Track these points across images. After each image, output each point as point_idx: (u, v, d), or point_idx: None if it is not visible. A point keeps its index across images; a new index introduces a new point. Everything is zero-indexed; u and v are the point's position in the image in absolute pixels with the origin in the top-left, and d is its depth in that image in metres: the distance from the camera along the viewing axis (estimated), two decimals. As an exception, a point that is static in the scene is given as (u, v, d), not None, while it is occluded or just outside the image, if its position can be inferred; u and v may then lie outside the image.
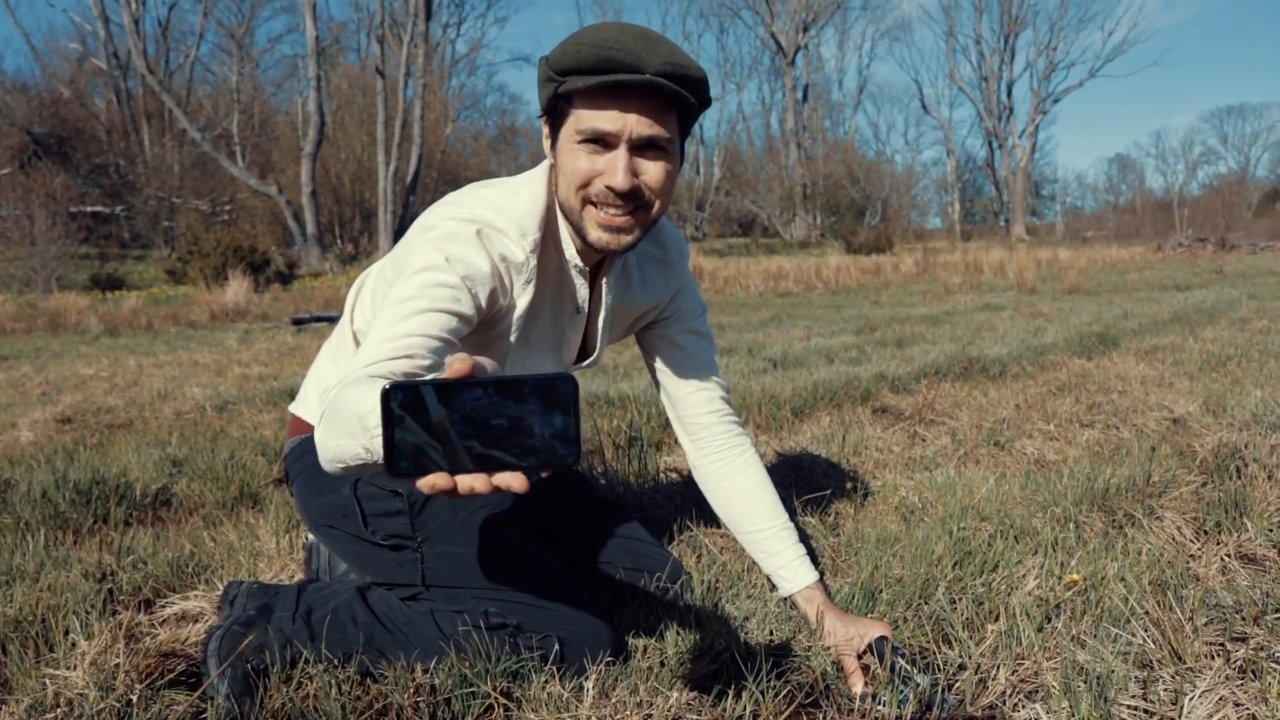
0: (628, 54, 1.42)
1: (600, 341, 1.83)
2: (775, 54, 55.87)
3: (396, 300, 1.47)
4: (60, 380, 6.82)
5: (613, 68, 1.42)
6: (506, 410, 0.83)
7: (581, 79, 1.44)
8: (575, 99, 1.48)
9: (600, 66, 1.43)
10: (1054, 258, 21.88)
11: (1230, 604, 1.85)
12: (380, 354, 1.38)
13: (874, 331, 8.02)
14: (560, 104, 1.51)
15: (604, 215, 1.52)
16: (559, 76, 1.47)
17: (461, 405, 0.82)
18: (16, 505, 2.82)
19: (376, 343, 1.40)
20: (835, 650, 1.67)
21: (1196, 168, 70.73)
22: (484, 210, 1.56)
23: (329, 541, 1.87)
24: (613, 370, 5.89)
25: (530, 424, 0.83)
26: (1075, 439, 3.39)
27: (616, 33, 1.44)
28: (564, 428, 0.83)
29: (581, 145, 1.49)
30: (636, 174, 1.50)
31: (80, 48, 40.87)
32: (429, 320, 1.44)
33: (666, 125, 1.50)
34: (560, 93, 1.48)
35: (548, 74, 1.49)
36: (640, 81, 1.42)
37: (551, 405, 0.83)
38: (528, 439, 0.83)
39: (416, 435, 0.82)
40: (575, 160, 1.50)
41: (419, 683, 1.61)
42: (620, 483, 2.94)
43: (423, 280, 1.48)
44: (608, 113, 1.46)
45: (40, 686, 1.59)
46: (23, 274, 21.07)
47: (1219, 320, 7.65)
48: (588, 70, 1.44)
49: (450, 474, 0.83)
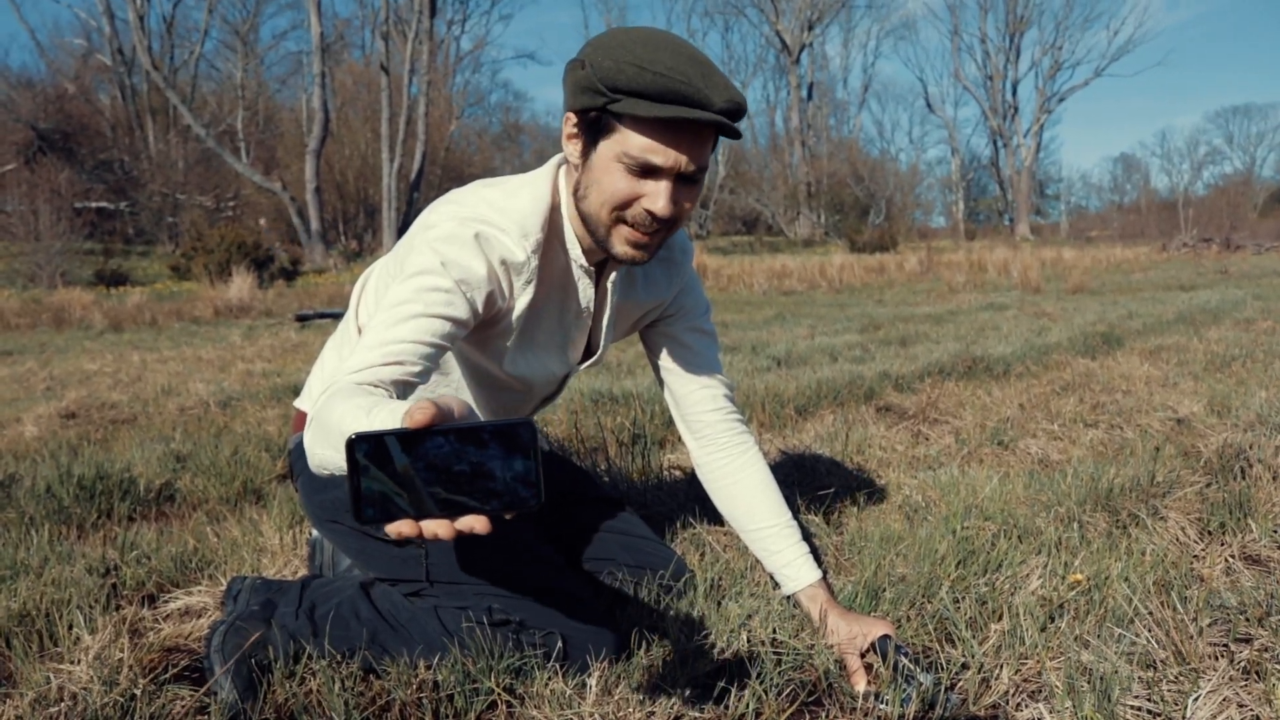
0: (693, 89, 1.39)
1: (604, 340, 1.83)
2: (780, 52, 55.81)
3: (391, 303, 1.47)
4: (64, 376, 6.83)
5: (678, 100, 1.39)
6: (468, 457, 0.85)
7: (643, 105, 1.40)
8: (627, 121, 1.44)
9: (665, 97, 1.39)
10: (1058, 257, 21.87)
11: (1234, 605, 1.85)
12: (371, 360, 1.39)
13: (878, 330, 8.02)
14: (606, 118, 1.46)
15: (635, 234, 1.52)
16: (611, 93, 1.42)
17: (424, 453, 0.84)
18: (21, 500, 2.83)
19: (368, 348, 1.41)
20: (838, 649, 1.67)
21: (1202, 168, 70.64)
22: (485, 209, 1.55)
23: (333, 537, 1.87)
24: (616, 368, 5.89)
25: (492, 469, 0.85)
26: (1079, 439, 3.39)
27: (675, 59, 1.40)
28: (525, 471, 0.86)
29: (625, 168, 1.47)
30: (676, 200, 1.49)
31: (85, 44, 40.94)
32: (421, 326, 1.44)
33: (708, 153, 1.50)
34: (611, 109, 1.44)
35: (595, 85, 1.43)
36: (706, 120, 1.40)
37: (512, 450, 0.86)
38: (490, 483, 0.85)
39: (382, 484, 0.84)
40: (615, 181, 1.48)
41: (422, 679, 1.61)
42: (623, 480, 2.94)
43: (417, 284, 1.47)
44: (664, 147, 1.44)
45: (44, 681, 1.60)
46: (27, 269, 21.09)
47: (1224, 321, 7.63)
48: (650, 97, 1.40)
49: (415, 519, 0.85)
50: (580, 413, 3.90)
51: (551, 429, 3.64)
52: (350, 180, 39.44)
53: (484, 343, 1.69)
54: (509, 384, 1.80)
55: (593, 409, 4.05)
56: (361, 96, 40.50)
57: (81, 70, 40.16)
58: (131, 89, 38.28)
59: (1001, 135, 58.55)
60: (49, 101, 35.90)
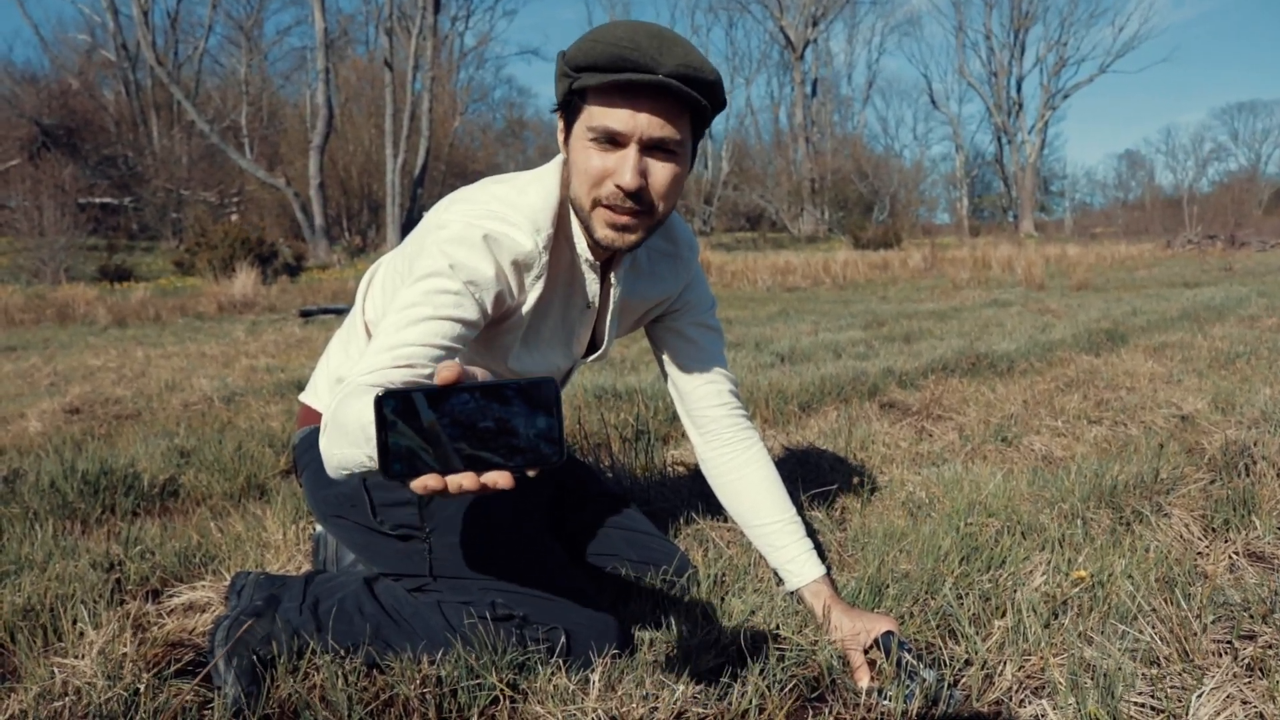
0: (641, 53, 1.42)
1: (609, 335, 1.83)
2: (784, 48, 55.73)
3: (401, 306, 1.48)
4: (68, 371, 6.84)
5: (626, 66, 1.42)
6: (493, 413, 0.87)
7: (595, 76, 1.44)
8: (589, 96, 1.48)
9: (614, 65, 1.43)
10: (1062, 254, 21.84)
11: (1238, 602, 1.85)
12: (381, 363, 1.40)
13: (881, 327, 8.01)
14: (574, 100, 1.51)
15: (611, 215, 1.53)
16: (574, 73, 1.47)
17: (450, 409, 0.87)
18: (25, 495, 2.83)
19: (378, 351, 1.42)
20: (841, 645, 1.67)
21: (1206, 164, 70.40)
22: (497, 205, 1.56)
23: (337, 532, 1.88)
24: (620, 364, 5.89)
25: (516, 425, 0.88)
26: (1083, 435, 3.39)
27: (631, 31, 1.44)
28: (547, 428, 0.88)
29: (593, 143, 1.49)
30: (644, 174, 1.50)
31: (89, 39, 40.91)
32: (431, 329, 1.45)
33: (678, 127, 1.49)
34: (574, 89, 1.48)
35: (563, 69, 1.49)
36: (652, 82, 1.42)
37: (535, 407, 0.88)
38: (514, 440, 0.88)
39: (409, 439, 0.87)
40: (588, 159, 1.50)
41: (425, 674, 1.61)
42: (627, 476, 2.94)
43: (426, 287, 1.48)
44: (619, 111, 1.46)
45: (48, 675, 1.60)
46: (31, 265, 21.13)
47: (1228, 318, 7.62)
48: (602, 68, 1.44)
49: (441, 474, 0.88)
50: (584, 408, 3.90)
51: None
52: (354, 176, 39.44)
53: (491, 339, 1.69)
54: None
55: (596, 405, 4.05)
56: (365, 92, 40.46)
57: (85, 66, 40.16)
58: (135, 84, 38.29)
59: (1006, 132, 58.43)
60: (53, 97, 35.91)
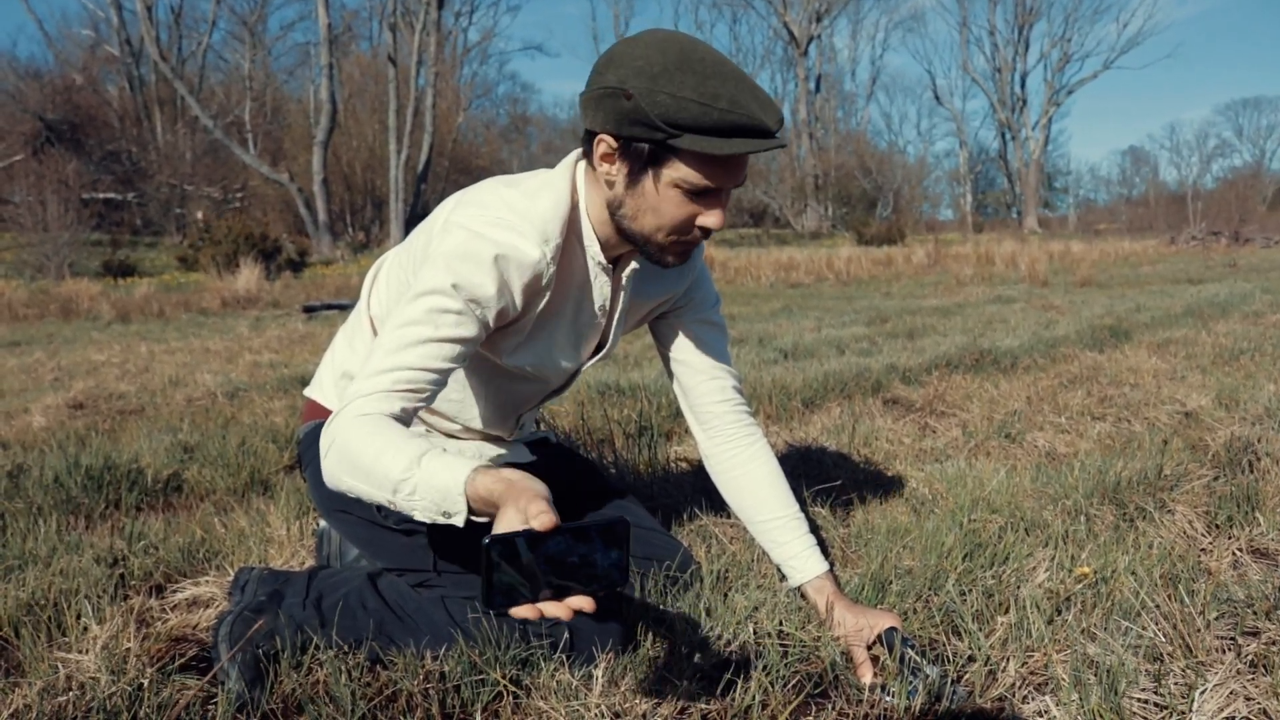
0: (755, 120, 1.39)
1: (614, 335, 1.83)
2: (788, 44, 55.65)
3: (402, 322, 1.49)
4: (72, 366, 6.85)
5: (743, 134, 1.41)
6: (578, 550, 1.07)
7: (710, 142, 1.40)
8: (687, 155, 1.44)
9: (731, 133, 1.40)
10: (1066, 250, 21.80)
11: (1241, 598, 1.84)
12: (381, 385, 1.45)
13: (885, 323, 8.01)
14: (664, 153, 1.46)
15: (684, 247, 1.57)
16: (670, 129, 1.41)
17: (545, 550, 1.06)
18: (29, 490, 2.84)
19: (378, 371, 1.46)
20: (844, 641, 1.67)
21: (1211, 161, 70.21)
22: (506, 213, 1.54)
23: (340, 527, 1.88)
24: (624, 360, 5.89)
25: (595, 559, 1.07)
26: (1086, 432, 3.38)
27: (733, 89, 1.40)
28: (618, 559, 1.08)
29: (684, 194, 1.48)
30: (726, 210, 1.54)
31: (93, 34, 40.91)
32: (430, 351, 1.48)
33: None
34: (671, 145, 1.43)
35: (651, 121, 1.41)
36: (771, 149, 1.43)
37: (610, 544, 1.08)
38: (592, 570, 1.07)
39: (510, 577, 1.04)
40: (674, 208, 1.49)
41: (428, 669, 1.61)
42: (630, 472, 2.94)
43: (429, 305, 1.49)
44: (728, 175, 1.47)
45: (52, 670, 1.60)
46: (35, 260, 21.15)
47: (1232, 314, 7.61)
48: (716, 134, 1.40)
49: (534, 603, 1.06)
50: (587, 404, 3.90)
51: (558, 421, 3.64)
52: (358, 172, 39.48)
53: (492, 344, 1.69)
54: (516, 380, 1.80)
55: (599, 401, 4.05)
56: (369, 88, 40.45)
57: (89, 61, 40.17)
58: (139, 80, 38.28)
59: (1010, 128, 58.31)
60: (57, 92, 35.92)
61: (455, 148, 42.30)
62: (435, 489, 1.30)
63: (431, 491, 1.31)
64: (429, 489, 1.31)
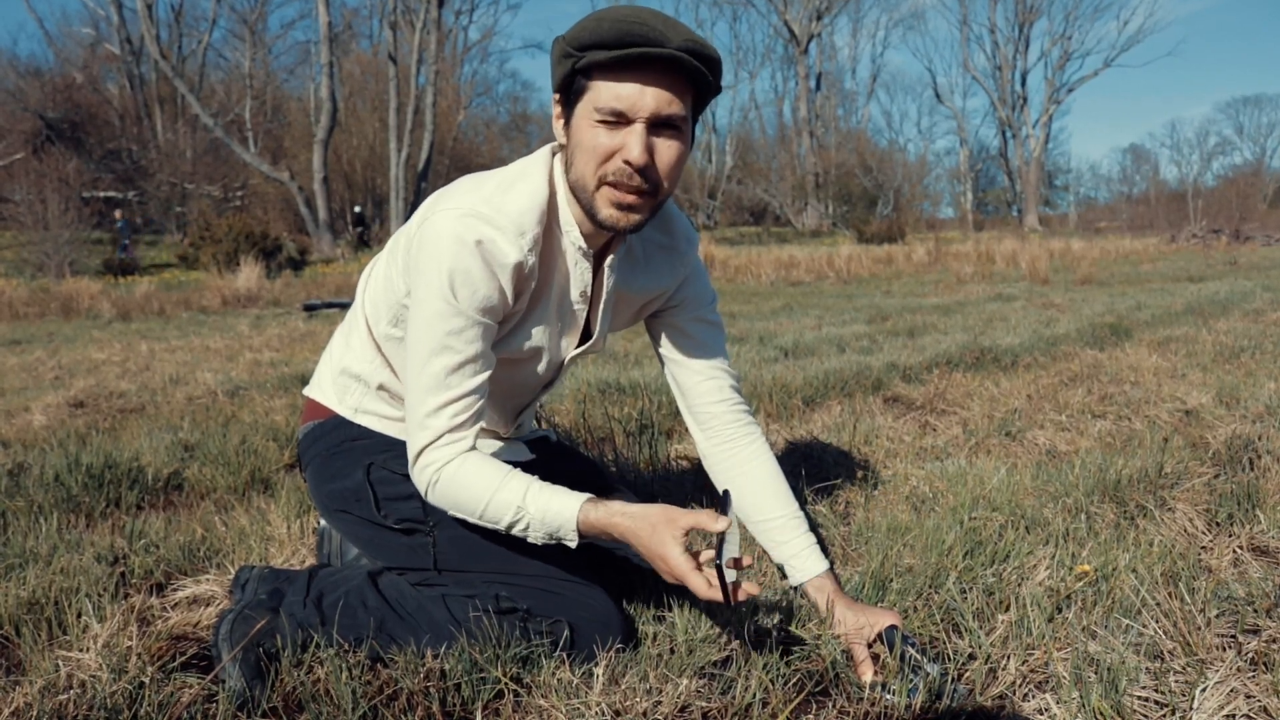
0: (650, 29, 1.43)
1: (601, 326, 1.83)
2: (788, 42, 55.58)
3: (425, 353, 1.57)
4: (73, 365, 6.85)
5: (636, 41, 1.43)
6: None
7: (602, 53, 1.45)
8: (594, 73, 1.48)
9: (623, 40, 1.43)
10: (1067, 248, 21.78)
11: (1242, 596, 1.84)
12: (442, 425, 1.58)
13: (885, 321, 8.00)
14: (578, 80, 1.51)
15: (618, 194, 1.53)
16: (577, 52, 1.48)
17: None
18: (30, 489, 2.84)
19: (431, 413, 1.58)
20: (845, 639, 1.67)
21: (1211, 159, 70.09)
22: (483, 207, 1.56)
23: (341, 526, 1.88)
24: (623, 358, 5.89)
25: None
26: (1087, 430, 3.38)
27: (634, 11, 1.45)
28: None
29: (600, 123, 1.49)
30: (651, 152, 1.50)
31: (93, 33, 40.90)
32: (463, 373, 1.59)
33: (684, 104, 1.51)
34: (578, 68, 1.49)
35: (565, 50, 1.50)
36: (663, 55, 1.43)
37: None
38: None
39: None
40: (594, 137, 1.50)
41: (429, 668, 1.61)
42: (630, 470, 2.94)
43: (444, 329, 1.56)
44: (628, 86, 1.46)
45: (53, 668, 1.60)
46: (35, 259, 21.13)
47: (1232, 312, 7.61)
48: (610, 44, 1.44)
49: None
50: (587, 402, 3.90)
51: (559, 419, 3.64)
52: (358, 170, 39.47)
53: (491, 332, 1.69)
54: (503, 368, 1.79)
55: (600, 399, 4.05)
56: (369, 86, 40.44)
57: (89, 59, 40.16)
58: (139, 78, 38.25)
59: (1010, 126, 58.24)
60: (57, 91, 35.89)
61: (456, 146, 42.28)
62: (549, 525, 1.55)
63: (544, 527, 1.56)
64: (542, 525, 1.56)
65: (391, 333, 1.76)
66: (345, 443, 1.87)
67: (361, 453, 1.84)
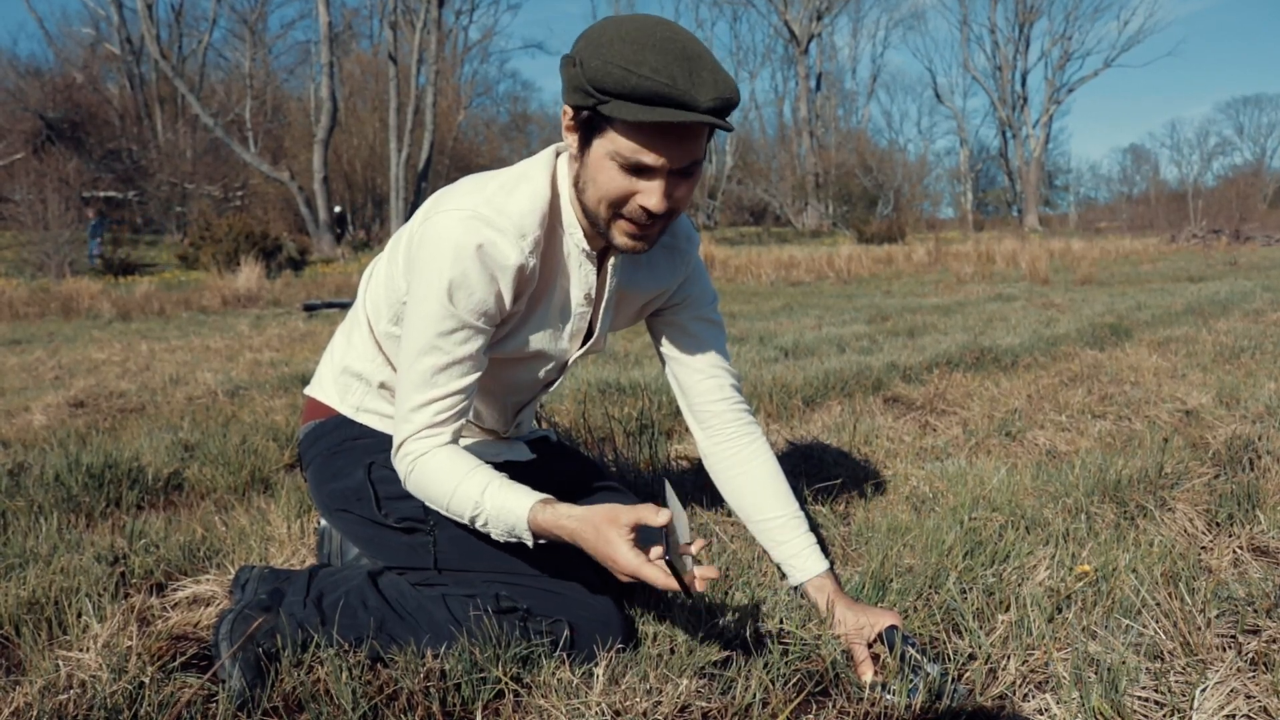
0: (678, 90, 1.37)
1: (602, 326, 1.83)
2: (788, 42, 55.55)
3: (416, 350, 1.58)
4: (73, 364, 6.85)
5: (663, 103, 1.38)
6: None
7: (629, 109, 1.39)
8: (616, 123, 1.44)
9: (650, 100, 1.38)
10: (1067, 248, 21.78)
11: (1242, 596, 1.84)
12: (425, 420, 1.60)
13: (885, 321, 8.00)
14: (598, 120, 1.46)
15: (633, 228, 1.54)
16: (599, 95, 1.41)
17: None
18: (30, 488, 2.84)
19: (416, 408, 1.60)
20: (845, 639, 1.67)
21: (1212, 159, 70.02)
22: (485, 210, 1.56)
23: (341, 526, 1.88)
24: (624, 358, 5.89)
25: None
26: (1087, 430, 3.38)
27: (660, 59, 1.37)
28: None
29: (619, 168, 1.47)
30: (670, 195, 1.49)
31: (94, 33, 40.86)
32: (451, 373, 1.60)
33: (702, 147, 1.49)
34: (601, 111, 1.43)
35: (584, 86, 1.42)
36: (692, 122, 1.39)
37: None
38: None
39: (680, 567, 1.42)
40: (610, 178, 1.49)
41: (429, 667, 1.62)
42: (631, 470, 2.94)
43: (437, 330, 1.56)
44: (653, 151, 1.44)
45: (53, 668, 1.60)
46: (35, 258, 21.11)
47: (1233, 312, 7.61)
48: (636, 100, 1.38)
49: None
50: (588, 402, 3.90)
51: (559, 418, 3.64)
52: (358, 170, 39.42)
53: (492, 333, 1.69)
54: (504, 369, 1.79)
55: (600, 399, 4.05)
56: (369, 86, 40.41)
57: (90, 59, 40.12)
58: (140, 78, 38.24)
59: (1010, 126, 58.21)
60: (57, 90, 35.86)
61: (456, 146, 42.26)
62: (504, 523, 1.54)
63: (501, 524, 1.55)
64: (499, 522, 1.55)
65: (392, 331, 1.76)
66: (346, 442, 1.87)
67: (363, 452, 1.84)
